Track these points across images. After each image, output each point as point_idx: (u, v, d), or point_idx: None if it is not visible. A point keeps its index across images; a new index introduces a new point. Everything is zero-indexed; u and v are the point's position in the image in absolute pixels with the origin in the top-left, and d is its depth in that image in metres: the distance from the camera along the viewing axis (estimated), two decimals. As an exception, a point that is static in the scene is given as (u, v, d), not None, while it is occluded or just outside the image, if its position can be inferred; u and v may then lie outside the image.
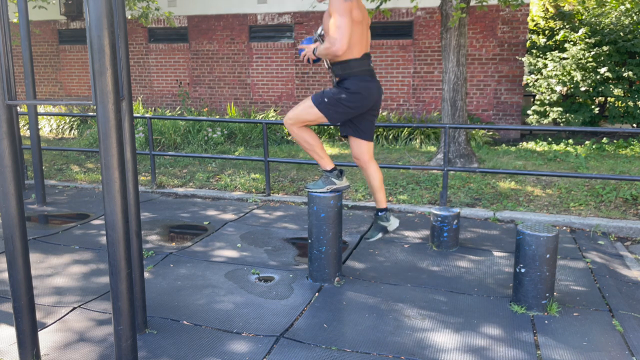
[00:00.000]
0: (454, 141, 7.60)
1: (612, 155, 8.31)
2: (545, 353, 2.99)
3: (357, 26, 3.41)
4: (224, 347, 3.02)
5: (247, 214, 5.75)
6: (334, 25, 3.27)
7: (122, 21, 2.80)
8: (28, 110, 6.08)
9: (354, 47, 3.46)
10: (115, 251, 2.49)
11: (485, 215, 5.61)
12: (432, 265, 4.30)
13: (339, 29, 3.27)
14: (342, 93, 3.51)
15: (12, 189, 2.55)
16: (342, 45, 3.29)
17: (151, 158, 6.82)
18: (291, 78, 11.56)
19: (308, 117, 3.59)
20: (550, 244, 3.38)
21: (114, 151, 2.37)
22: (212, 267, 4.23)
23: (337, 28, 3.27)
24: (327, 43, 3.33)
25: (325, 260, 3.86)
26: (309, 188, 3.82)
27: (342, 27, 3.26)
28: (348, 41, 3.31)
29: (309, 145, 3.70)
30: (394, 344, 3.07)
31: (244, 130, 9.62)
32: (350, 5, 3.30)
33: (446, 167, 5.68)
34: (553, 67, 9.90)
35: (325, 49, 3.36)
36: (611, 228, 5.23)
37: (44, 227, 5.29)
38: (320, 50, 3.44)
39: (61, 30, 12.95)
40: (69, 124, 11.29)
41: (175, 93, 12.39)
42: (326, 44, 3.34)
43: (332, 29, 3.29)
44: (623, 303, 3.65)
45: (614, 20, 10.42)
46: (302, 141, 3.69)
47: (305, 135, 3.67)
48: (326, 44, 3.34)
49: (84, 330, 3.22)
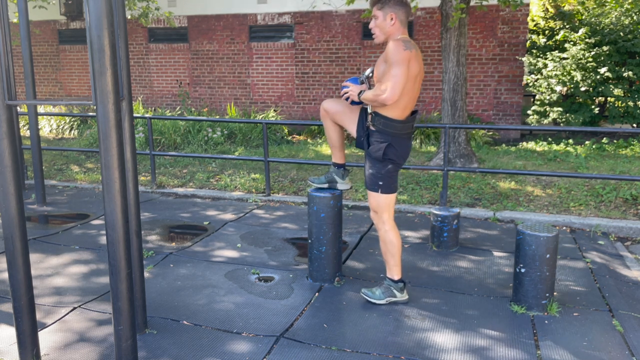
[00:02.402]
0: (454, 141, 7.60)
1: (612, 155, 8.31)
2: (545, 353, 2.99)
3: (411, 81, 3.20)
4: (224, 347, 3.02)
5: (247, 214, 5.75)
6: (389, 75, 3.11)
7: (122, 21, 2.80)
8: (28, 110, 6.08)
9: (401, 105, 3.26)
10: (115, 251, 2.49)
11: (485, 215, 5.61)
12: (432, 265, 4.30)
13: (393, 78, 3.10)
14: (387, 165, 3.39)
15: (12, 189, 2.55)
16: (392, 96, 3.11)
17: (151, 158, 6.82)
18: (291, 78, 11.56)
19: (387, 205, 3.46)
20: (550, 244, 3.38)
21: (114, 151, 2.37)
22: (212, 267, 4.23)
23: (391, 77, 3.10)
24: (377, 90, 3.16)
25: (325, 260, 3.86)
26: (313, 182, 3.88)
27: (397, 77, 3.09)
28: (400, 92, 3.13)
29: (392, 247, 3.51)
30: (394, 344, 3.07)
31: (244, 130, 9.62)
32: (409, 55, 3.12)
33: (446, 167, 5.68)
34: (553, 67, 9.90)
35: (374, 95, 3.18)
36: (611, 228, 5.23)
37: (44, 227, 5.29)
38: (367, 96, 3.24)
39: (61, 30, 12.95)
40: (69, 124, 11.29)
41: (175, 93, 12.39)
42: (376, 90, 3.17)
43: (385, 76, 3.14)
44: (623, 303, 3.65)
45: (614, 20, 10.42)
46: (388, 242, 3.52)
47: (393, 236, 3.53)
48: (376, 90, 3.17)
49: (84, 330, 3.22)
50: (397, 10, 3.21)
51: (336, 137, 3.68)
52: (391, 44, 3.14)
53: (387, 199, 3.45)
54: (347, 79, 3.47)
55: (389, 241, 3.51)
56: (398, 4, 3.22)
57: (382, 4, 3.22)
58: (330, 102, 3.59)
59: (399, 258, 3.55)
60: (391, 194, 3.46)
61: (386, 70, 3.17)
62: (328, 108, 3.58)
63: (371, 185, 3.45)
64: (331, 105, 3.58)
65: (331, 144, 3.74)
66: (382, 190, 3.43)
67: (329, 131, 3.68)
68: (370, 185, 3.46)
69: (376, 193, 3.44)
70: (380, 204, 3.46)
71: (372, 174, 3.43)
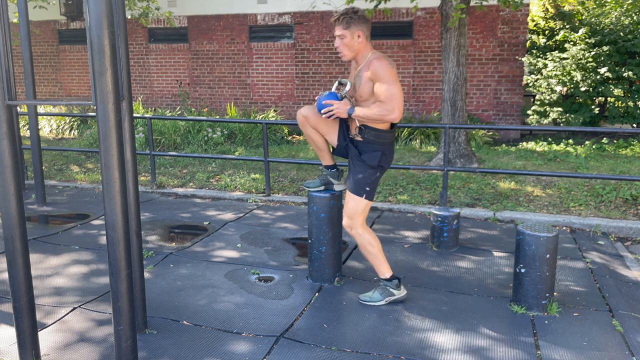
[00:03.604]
0: (454, 141, 7.60)
1: (612, 155, 8.31)
2: (545, 353, 2.99)
3: None
4: (224, 347, 3.02)
5: (247, 214, 5.75)
6: (388, 93, 3.21)
7: (122, 21, 2.80)
8: (28, 110, 6.08)
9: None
10: (115, 251, 2.49)
11: (485, 215, 5.61)
12: (432, 265, 4.30)
13: (394, 96, 3.20)
14: (377, 172, 3.48)
15: (12, 189, 2.55)
16: (399, 114, 3.21)
17: (151, 158, 6.82)
18: (291, 78, 11.56)
19: (364, 211, 3.51)
20: (550, 244, 3.38)
21: (114, 151, 2.37)
22: (212, 267, 4.23)
23: (392, 95, 3.20)
24: (382, 110, 3.22)
25: (325, 260, 3.86)
26: (308, 186, 3.84)
27: (397, 95, 3.21)
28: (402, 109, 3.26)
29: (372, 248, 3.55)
30: (394, 344, 3.07)
31: (244, 131, 9.62)
32: (395, 71, 3.28)
33: (446, 167, 5.68)
34: (553, 67, 9.90)
35: (379, 115, 3.24)
36: (611, 228, 5.23)
37: (44, 227, 5.29)
38: (370, 115, 3.27)
39: (61, 30, 12.95)
40: (69, 124, 11.29)
41: (175, 93, 12.40)
42: (381, 111, 3.23)
43: (385, 95, 3.22)
44: (623, 303, 3.65)
45: (614, 20, 10.43)
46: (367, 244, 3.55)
47: (370, 237, 3.56)
48: (381, 111, 3.23)
49: (84, 330, 3.22)
50: (362, 27, 3.31)
51: (321, 141, 3.69)
52: (377, 62, 3.24)
53: (367, 205, 3.52)
54: (323, 95, 3.40)
55: (367, 243, 3.54)
56: (362, 21, 3.31)
57: (348, 24, 3.29)
58: (309, 110, 3.58)
59: (383, 255, 3.58)
60: (371, 201, 3.54)
61: (377, 88, 3.25)
62: (308, 115, 3.58)
63: (357, 190, 3.47)
64: (310, 112, 3.58)
65: (317, 149, 3.75)
66: (366, 196, 3.48)
67: (313, 137, 3.66)
68: (356, 190, 3.47)
69: (360, 198, 3.47)
70: (358, 210, 3.49)
71: (360, 179, 3.46)
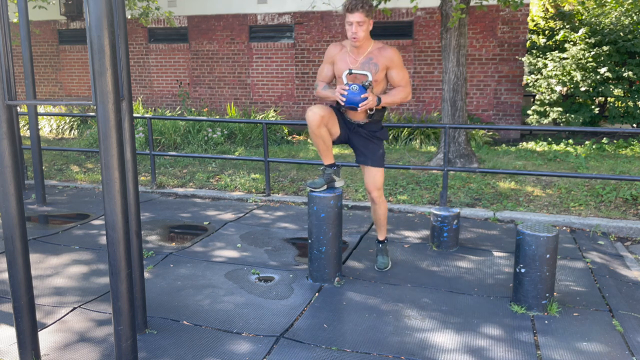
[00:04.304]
0: (454, 141, 7.60)
1: (612, 155, 8.31)
2: (545, 353, 2.99)
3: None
4: (224, 347, 3.02)
5: (247, 214, 5.75)
6: (407, 78, 3.73)
7: (122, 21, 2.80)
8: (28, 110, 6.08)
9: None
10: (115, 251, 2.49)
11: (485, 215, 5.61)
12: (432, 265, 4.30)
13: (409, 81, 3.76)
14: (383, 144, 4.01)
15: (12, 189, 2.55)
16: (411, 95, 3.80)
17: (151, 158, 6.82)
18: (291, 78, 11.56)
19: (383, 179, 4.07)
20: (550, 244, 3.38)
21: (114, 151, 2.37)
22: (212, 267, 4.23)
23: (408, 80, 3.75)
24: (406, 94, 3.72)
25: (325, 260, 3.86)
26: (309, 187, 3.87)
27: (408, 79, 3.76)
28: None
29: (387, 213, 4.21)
30: (394, 344, 3.07)
31: (244, 131, 9.62)
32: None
33: (446, 167, 5.68)
34: (553, 67, 9.90)
35: (403, 99, 3.73)
36: (611, 228, 5.23)
37: (44, 227, 5.29)
38: (395, 101, 3.72)
39: (61, 30, 12.95)
40: (69, 124, 11.29)
41: (175, 93, 12.40)
42: (406, 95, 3.73)
43: (405, 80, 3.72)
44: (623, 303, 3.65)
45: (614, 20, 10.42)
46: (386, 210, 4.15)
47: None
48: (406, 95, 3.73)
49: (84, 330, 3.22)
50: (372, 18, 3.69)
51: (329, 138, 3.79)
52: (391, 50, 3.66)
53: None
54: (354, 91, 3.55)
55: (386, 209, 4.14)
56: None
57: (368, 12, 3.54)
58: (323, 109, 3.64)
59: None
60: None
61: (396, 74, 3.70)
62: (324, 115, 3.64)
63: (381, 162, 3.94)
64: (326, 111, 3.65)
65: (325, 147, 3.79)
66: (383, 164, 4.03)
67: (324, 135, 3.71)
68: (381, 163, 3.94)
69: (383, 169, 3.96)
70: (383, 180, 4.01)
71: (382, 154, 3.94)
